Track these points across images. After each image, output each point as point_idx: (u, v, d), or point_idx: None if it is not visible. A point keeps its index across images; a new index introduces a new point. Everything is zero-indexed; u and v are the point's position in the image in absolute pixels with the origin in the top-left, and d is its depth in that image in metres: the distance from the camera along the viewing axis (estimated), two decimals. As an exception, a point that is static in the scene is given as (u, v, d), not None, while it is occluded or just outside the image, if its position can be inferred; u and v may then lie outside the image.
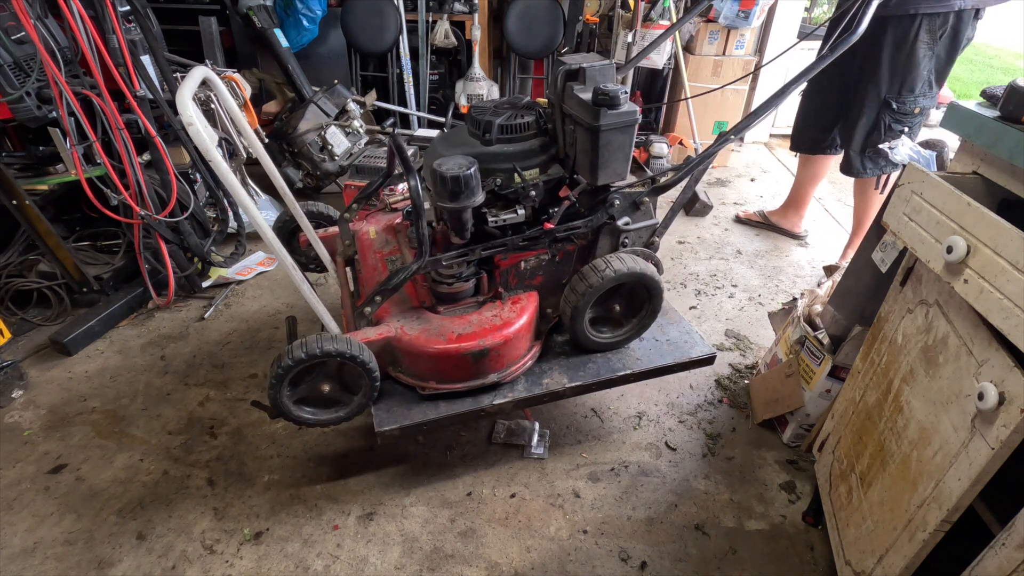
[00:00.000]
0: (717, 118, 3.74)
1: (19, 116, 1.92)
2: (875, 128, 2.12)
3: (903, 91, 2.00)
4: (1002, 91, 1.11)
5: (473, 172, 1.37)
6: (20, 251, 2.26)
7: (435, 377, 1.52)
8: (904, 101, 2.02)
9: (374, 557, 1.53)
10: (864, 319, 1.56)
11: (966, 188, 1.08)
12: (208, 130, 1.23)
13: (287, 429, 1.87)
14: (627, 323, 1.68)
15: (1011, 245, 0.91)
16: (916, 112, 2.06)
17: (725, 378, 2.12)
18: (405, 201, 1.95)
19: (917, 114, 2.08)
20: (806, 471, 1.79)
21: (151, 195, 2.15)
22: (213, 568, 1.50)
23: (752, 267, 2.82)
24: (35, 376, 2.08)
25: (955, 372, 1.08)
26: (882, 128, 2.09)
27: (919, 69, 1.97)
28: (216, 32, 2.93)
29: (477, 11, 3.41)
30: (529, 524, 1.62)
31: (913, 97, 2.02)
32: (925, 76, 1.99)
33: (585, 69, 1.43)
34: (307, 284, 1.49)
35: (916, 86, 2.00)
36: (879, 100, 2.05)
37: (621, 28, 3.43)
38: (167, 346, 2.22)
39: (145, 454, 1.80)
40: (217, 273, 2.56)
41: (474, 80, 3.54)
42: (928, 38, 1.91)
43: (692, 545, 1.58)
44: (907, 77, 1.97)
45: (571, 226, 1.52)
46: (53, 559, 1.51)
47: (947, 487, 1.05)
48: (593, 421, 1.94)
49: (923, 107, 2.09)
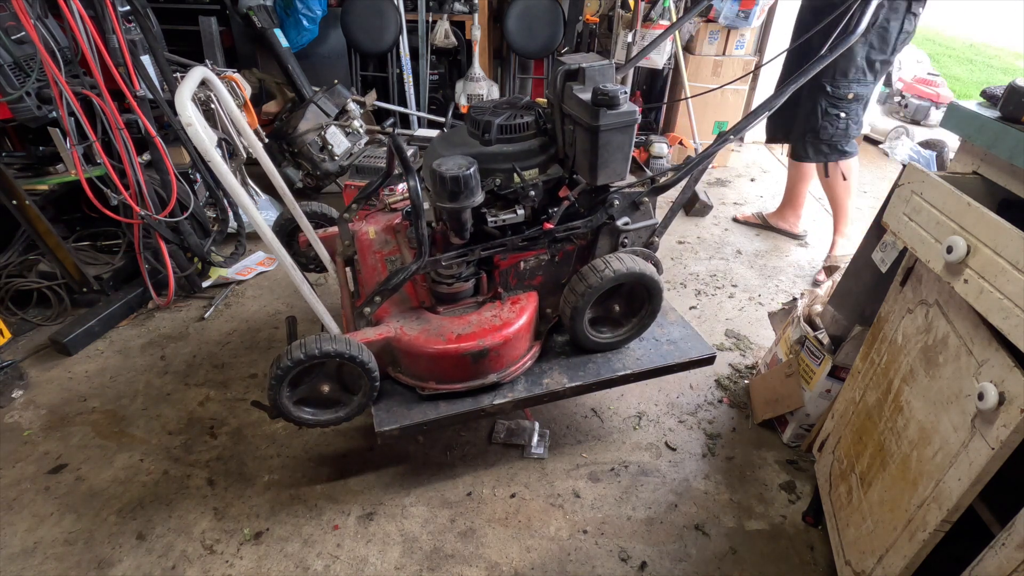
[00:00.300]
0: (717, 118, 3.74)
1: (19, 116, 1.92)
2: (813, 113, 2.17)
3: (837, 75, 2.06)
4: (1002, 91, 1.11)
5: (472, 172, 1.37)
6: (20, 251, 2.26)
7: (435, 377, 1.51)
8: (839, 86, 2.08)
9: (374, 557, 1.53)
10: (864, 319, 1.56)
11: (966, 188, 1.08)
12: (207, 130, 1.23)
13: (287, 429, 1.87)
14: (627, 323, 1.68)
15: (1011, 245, 0.91)
16: (851, 98, 2.12)
17: (725, 378, 2.12)
18: (404, 201, 1.95)
19: (852, 99, 2.14)
20: (806, 471, 1.79)
21: (151, 195, 2.15)
22: (213, 568, 1.50)
23: (752, 267, 2.81)
24: (35, 376, 2.08)
25: (955, 372, 1.08)
26: (819, 113, 2.14)
27: (851, 55, 2.03)
28: (216, 32, 2.93)
29: (477, 11, 3.41)
30: (529, 524, 1.62)
31: (847, 82, 2.08)
32: (859, 63, 2.06)
33: (585, 69, 1.43)
34: (307, 284, 1.49)
35: (849, 72, 2.06)
36: (816, 85, 2.10)
37: (621, 28, 3.43)
38: (167, 346, 2.22)
39: (145, 454, 1.80)
40: (217, 273, 2.56)
41: (474, 80, 3.54)
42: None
43: (692, 545, 1.58)
44: (839, 62, 2.03)
45: (570, 226, 1.52)
46: (53, 559, 1.51)
47: (947, 487, 1.05)
48: (593, 421, 1.94)
49: (857, 93, 2.14)
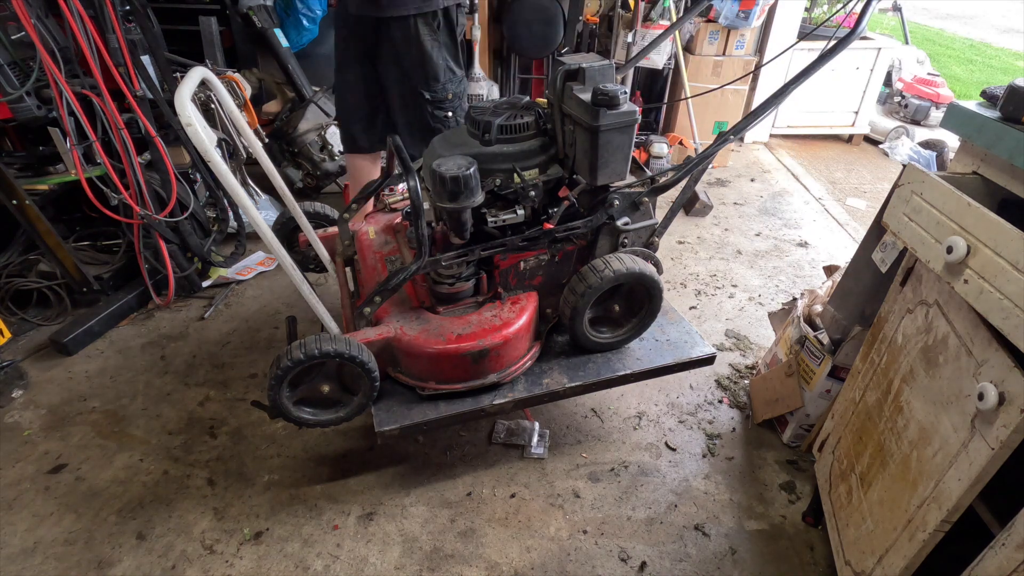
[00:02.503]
0: (717, 118, 3.74)
1: (19, 116, 1.92)
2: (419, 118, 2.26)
3: (430, 81, 2.15)
4: (1002, 91, 1.11)
5: (472, 172, 1.37)
6: (20, 251, 2.26)
7: (435, 377, 1.51)
8: (435, 90, 2.17)
9: (374, 557, 1.53)
10: (864, 319, 1.56)
11: (966, 188, 1.08)
12: (207, 130, 1.23)
13: (287, 429, 1.87)
14: (627, 323, 1.68)
15: (1011, 245, 0.91)
16: (450, 97, 2.23)
17: (725, 378, 2.12)
18: (404, 201, 1.95)
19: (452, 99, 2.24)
20: (806, 471, 1.79)
21: (151, 195, 2.15)
22: (213, 568, 1.50)
23: (752, 267, 2.81)
24: (35, 376, 2.08)
25: (955, 372, 1.08)
26: (427, 117, 2.23)
27: (434, 60, 2.12)
28: (216, 32, 2.93)
29: (477, 11, 3.41)
30: (529, 524, 1.62)
31: (440, 85, 2.17)
32: (443, 64, 2.15)
33: (585, 69, 1.43)
34: (307, 284, 1.49)
35: (439, 75, 2.15)
36: (414, 92, 2.19)
37: (621, 28, 3.43)
38: (167, 346, 2.22)
39: (145, 454, 1.80)
40: (217, 273, 2.57)
41: (474, 80, 3.54)
42: (428, 31, 2.07)
43: (692, 545, 1.58)
44: (427, 68, 2.12)
45: (570, 226, 1.52)
46: (53, 559, 1.51)
47: (947, 487, 1.05)
48: (593, 421, 1.94)
49: (454, 92, 2.24)
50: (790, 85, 1.41)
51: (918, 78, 4.32)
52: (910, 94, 4.29)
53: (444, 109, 2.24)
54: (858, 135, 4.38)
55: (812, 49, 3.65)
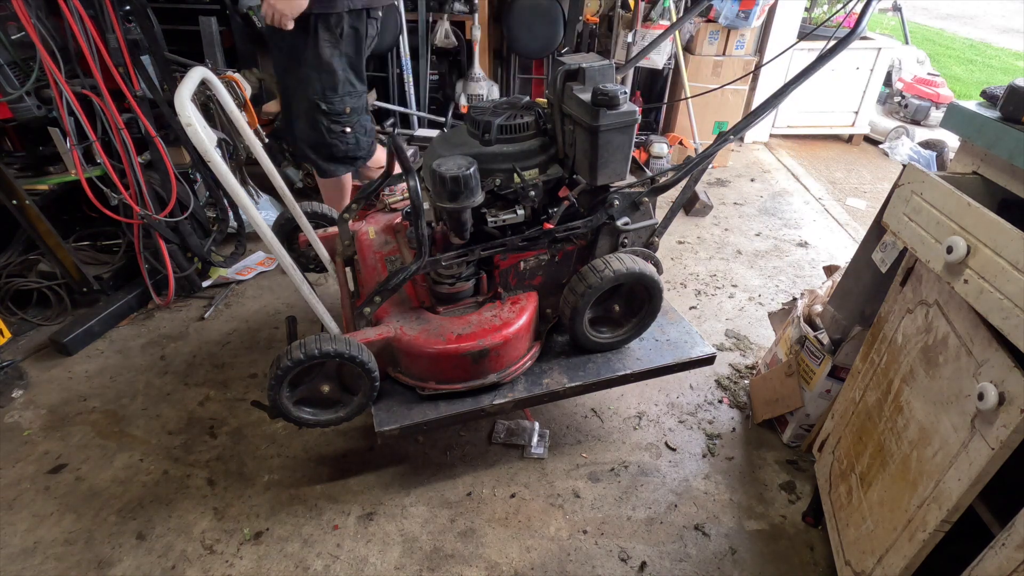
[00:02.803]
0: (717, 118, 3.74)
1: (19, 116, 1.92)
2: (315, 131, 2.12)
3: (327, 92, 2.03)
4: (1002, 91, 1.11)
5: (472, 172, 1.37)
6: (20, 251, 2.26)
7: (435, 377, 1.51)
8: (332, 102, 2.05)
9: (374, 557, 1.53)
10: (864, 319, 1.56)
11: (966, 188, 1.08)
12: (207, 130, 1.23)
13: (287, 429, 1.87)
14: (627, 323, 1.68)
15: (1011, 245, 0.91)
16: (347, 111, 2.09)
17: (725, 378, 2.12)
18: (404, 201, 1.95)
19: (349, 113, 2.10)
20: (806, 471, 1.79)
21: (151, 195, 2.15)
22: (213, 568, 1.50)
23: (752, 267, 2.81)
24: (35, 376, 2.08)
25: (955, 372, 1.08)
26: (323, 131, 2.09)
27: (334, 70, 2.01)
28: (216, 32, 2.92)
29: (477, 11, 3.41)
30: (529, 524, 1.62)
31: (339, 97, 2.05)
32: (343, 76, 2.03)
33: (585, 69, 1.43)
34: (307, 284, 1.49)
35: (338, 86, 2.04)
36: (311, 103, 2.06)
37: (621, 28, 3.43)
38: (167, 346, 2.22)
39: (145, 454, 1.80)
40: (217, 273, 2.56)
41: (474, 80, 3.54)
42: (328, 36, 1.96)
43: (692, 545, 1.58)
44: (325, 78, 2.01)
45: (570, 226, 1.52)
46: (53, 559, 1.51)
47: (947, 487, 1.05)
48: (593, 421, 1.94)
49: (352, 106, 2.10)
50: (790, 85, 1.41)
51: (918, 78, 4.32)
52: (910, 94, 4.29)
53: (341, 124, 2.11)
54: (858, 135, 4.38)
55: (812, 49, 3.65)
